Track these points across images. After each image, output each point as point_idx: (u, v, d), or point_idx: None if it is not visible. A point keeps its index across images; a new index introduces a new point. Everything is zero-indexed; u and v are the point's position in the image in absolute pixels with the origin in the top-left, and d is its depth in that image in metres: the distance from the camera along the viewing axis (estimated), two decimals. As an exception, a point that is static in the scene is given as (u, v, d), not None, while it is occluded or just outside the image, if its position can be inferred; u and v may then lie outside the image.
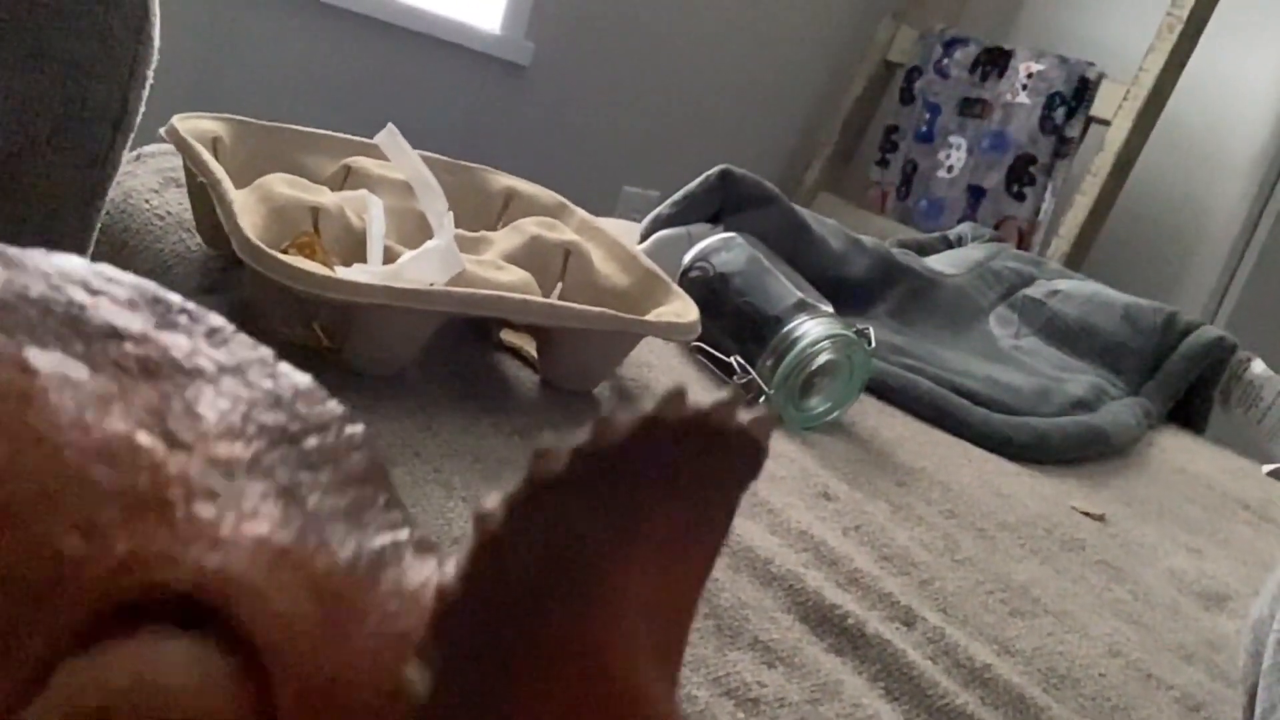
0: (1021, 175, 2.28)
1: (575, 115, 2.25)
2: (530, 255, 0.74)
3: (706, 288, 0.86)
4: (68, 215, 0.59)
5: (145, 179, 0.82)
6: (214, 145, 0.73)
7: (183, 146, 0.68)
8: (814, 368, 0.81)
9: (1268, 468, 1.10)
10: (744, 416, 0.22)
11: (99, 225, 0.64)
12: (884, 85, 2.58)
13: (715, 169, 0.97)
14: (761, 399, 0.81)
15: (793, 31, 2.57)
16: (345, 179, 0.77)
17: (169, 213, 0.78)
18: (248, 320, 0.65)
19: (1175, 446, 1.09)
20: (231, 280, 0.71)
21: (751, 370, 0.81)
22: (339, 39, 1.93)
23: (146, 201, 0.80)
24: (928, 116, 2.43)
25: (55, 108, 0.58)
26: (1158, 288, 1.98)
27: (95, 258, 0.67)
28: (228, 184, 0.64)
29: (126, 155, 0.64)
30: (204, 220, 0.73)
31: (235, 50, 1.80)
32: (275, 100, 1.83)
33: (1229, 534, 0.92)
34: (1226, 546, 0.89)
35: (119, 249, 0.77)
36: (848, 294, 1.03)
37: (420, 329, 0.64)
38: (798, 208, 1.02)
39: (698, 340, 0.84)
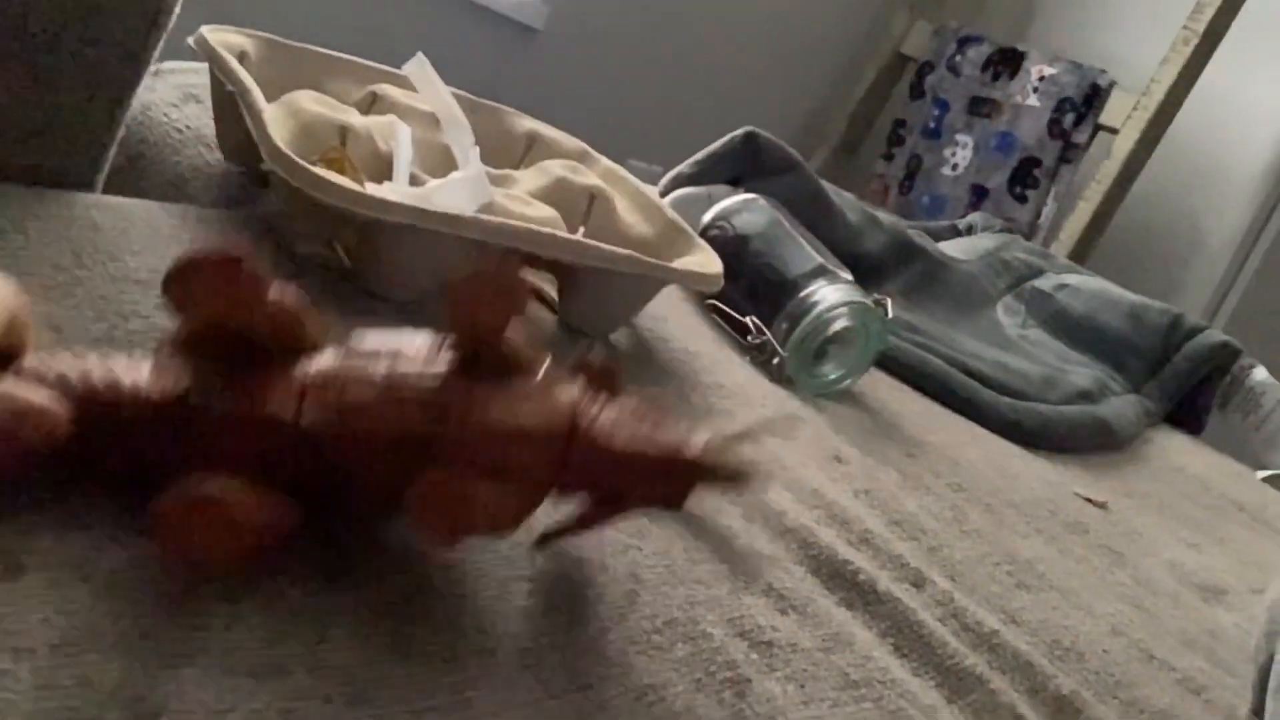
0: (1025, 178, 2.28)
1: (586, 82, 2.23)
2: (555, 197, 0.73)
3: (725, 248, 0.85)
4: (96, 109, 0.57)
5: (165, 93, 0.81)
6: (240, 60, 0.71)
7: (212, 56, 0.67)
8: (829, 334, 0.80)
9: (1262, 473, 1.11)
10: None
11: (122, 128, 0.62)
12: (895, 78, 2.57)
13: (740, 130, 0.96)
14: (775, 361, 0.80)
15: (808, 17, 2.55)
16: (371, 106, 0.76)
17: (188, 127, 0.77)
18: (267, 235, 0.64)
19: (1173, 446, 1.09)
20: (250, 196, 0.69)
21: (767, 332, 0.81)
22: (353, -12, 1.91)
23: (165, 115, 0.78)
24: (936, 113, 2.43)
25: (90, -2, 0.56)
26: (1153, 296, 1.98)
27: (110, 171, 0.66)
28: (257, 93, 0.62)
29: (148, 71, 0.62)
30: (226, 135, 0.72)
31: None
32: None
33: (1226, 533, 0.92)
34: (1223, 545, 0.89)
35: (134, 160, 0.75)
36: (862, 269, 1.02)
37: (445, 255, 0.62)
38: (819, 179, 1.02)
39: (713, 299, 0.83)
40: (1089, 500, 0.85)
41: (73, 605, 0.34)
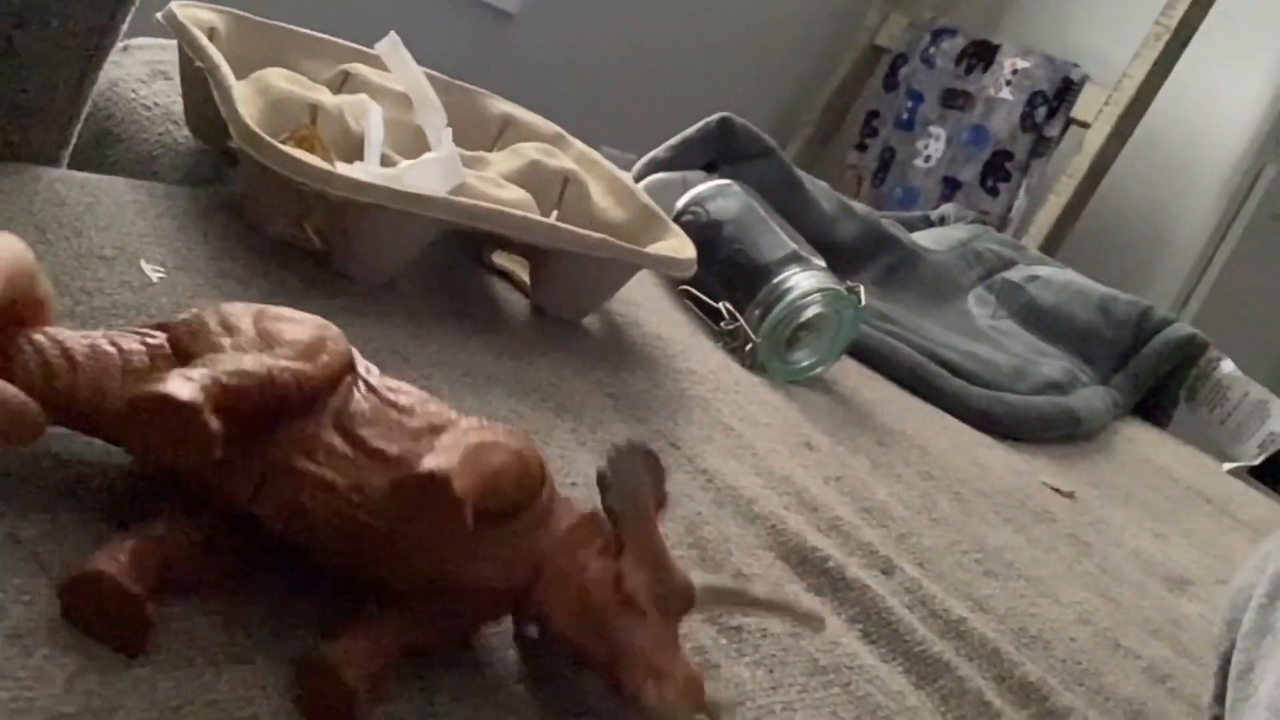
0: (997, 171, 2.28)
1: (560, 67, 2.22)
2: (528, 179, 0.72)
3: (699, 233, 0.85)
4: (62, 83, 0.56)
5: (133, 70, 0.80)
6: (210, 36, 0.70)
7: (180, 31, 0.66)
8: (802, 320, 0.80)
9: (1228, 466, 1.12)
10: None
11: (89, 103, 0.61)
12: (869, 70, 2.57)
13: (715, 116, 0.96)
14: (747, 347, 0.80)
15: (783, 6, 2.55)
16: (342, 85, 0.75)
17: (156, 104, 0.76)
18: (236, 215, 0.63)
19: (1141, 438, 1.10)
20: (218, 174, 0.69)
21: (740, 318, 0.81)
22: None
23: (133, 91, 0.77)
24: (910, 105, 2.43)
25: (57, -30, 0.55)
26: (1123, 289, 1.99)
27: (77, 147, 0.64)
28: (226, 70, 0.62)
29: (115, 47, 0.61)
30: (195, 112, 0.71)
31: None
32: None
33: (1191, 524, 0.93)
34: (1189, 536, 0.90)
35: (102, 137, 0.74)
36: (835, 257, 1.02)
37: (416, 237, 0.62)
38: (794, 166, 1.02)
39: (686, 284, 0.83)
40: (1057, 490, 0.85)
41: (28, 596, 0.34)
